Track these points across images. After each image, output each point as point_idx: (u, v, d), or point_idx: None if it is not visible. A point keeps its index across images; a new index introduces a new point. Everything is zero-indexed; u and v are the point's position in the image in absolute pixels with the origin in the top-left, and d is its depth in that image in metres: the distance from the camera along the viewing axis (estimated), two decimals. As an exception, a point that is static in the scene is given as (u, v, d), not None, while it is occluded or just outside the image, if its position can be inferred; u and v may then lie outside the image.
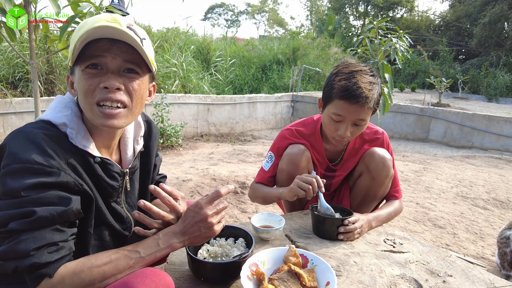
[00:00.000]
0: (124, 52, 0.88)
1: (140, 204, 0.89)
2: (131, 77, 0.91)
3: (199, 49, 10.16)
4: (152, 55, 0.96)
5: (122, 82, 0.89)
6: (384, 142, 1.70)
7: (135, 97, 0.92)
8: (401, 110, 8.52)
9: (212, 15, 42.33)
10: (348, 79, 1.40)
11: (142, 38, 0.90)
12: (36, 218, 0.75)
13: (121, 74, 0.89)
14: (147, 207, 0.89)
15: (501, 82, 15.19)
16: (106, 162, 0.95)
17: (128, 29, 0.87)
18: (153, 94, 1.05)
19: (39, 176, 0.77)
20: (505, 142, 7.32)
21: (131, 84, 0.90)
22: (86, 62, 0.87)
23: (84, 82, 0.87)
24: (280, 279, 0.97)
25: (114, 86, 0.87)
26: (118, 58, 0.87)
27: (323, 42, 14.12)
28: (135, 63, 0.90)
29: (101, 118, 0.88)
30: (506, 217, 3.20)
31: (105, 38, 0.86)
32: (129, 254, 0.84)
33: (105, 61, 0.87)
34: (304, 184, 1.39)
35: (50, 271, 0.75)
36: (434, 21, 27.13)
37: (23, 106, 4.83)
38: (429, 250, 1.33)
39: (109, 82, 0.86)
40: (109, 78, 0.87)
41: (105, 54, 0.87)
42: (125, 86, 0.90)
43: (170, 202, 0.94)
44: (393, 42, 4.13)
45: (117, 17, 0.89)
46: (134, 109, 0.93)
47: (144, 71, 0.94)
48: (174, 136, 5.81)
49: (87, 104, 0.88)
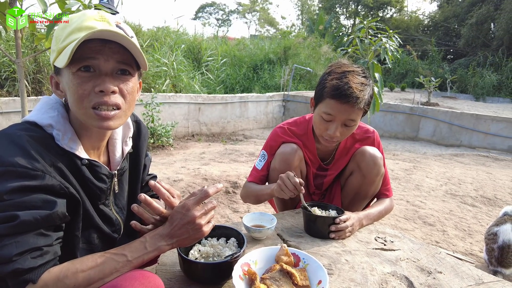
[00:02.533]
0: (116, 53, 0.85)
1: (140, 198, 0.87)
2: (124, 79, 0.89)
3: (190, 49, 10.10)
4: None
5: (116, 84, 0.87)
6: (375, 141, 1.71)
7: (129, 99, 0.91)
8: (391, 109, 8.61)
9: (202, 14, 42.16)
10: (340, 78, 1.41)
11: (131, 36, 0.89)
12: (19, 222, 0.72)
13: (114, 76, 0.87)
14: (147, 201, 0.88)
15: (488, 82, 15.51)
16: (93, 164, 0.93)
17: (118, 28, 0.85)
18: (139, 91, 1.04)
19: (23, 179, 0.75)
20: (492, 141, 7.46)
21: (126, 86, 0.89)
22: (78, 64, 0.83)
23: (78, 87, 0.84)
24: (272, 279, 0.96)
25: (110, 89, 0.85)
26: (111, 60, 0.85)
27: (314, 42, 14.18)
28: (127, 63, 0.88)
29: (97, 120, 0.86)
30: (493, 214, 3.26)
31: (97, 39, 0.83)
32: (116, 258, 0.82)
33: (97, 64, 0.84)
34: (285, 187, 1.39)
35: (34, 277, 0.73)
36: (423, 21, 27.54)
37: (9, 106, 4.73)
38: (419, 248, 1.35)
39: (105, 85, 0.84)
40: (104, 81, 0.84)
41: (97, 56, 0.84)
42: (119, 88, 0.88)
43: (169, 199, 0.93)
44: (383, 41, 4.16)
45: (105, 15, 0.87)
46: (127, 110, 0.92)
47: (135, 70, 0.93)
48: (165, 136, 5.76)
49: (81, 109, 0.85)
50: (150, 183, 0.92)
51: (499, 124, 7.42)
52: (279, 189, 1.41)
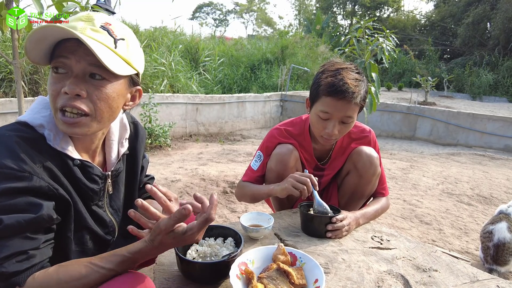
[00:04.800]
0: (89, 55, 0.79)
1: (137, 203, 0.86)
2: (97, 84, 0.83)
3: (187, 49, 10.09)
4: (132, 56, 0.89)
5: (85, 88, 0.82)
6: (371, 141, 1.72)
7: (100, 105, 0.84)
8: (388, 109, 8.64)
9: (200, 14, 42.13)
10: (334, 75, 1.42)
11: (119, 39, 0.85)
12: (2, 226, 0.72)
13: (86, 79, 0.83)
14: (144, 206, 0.86)
15: (485, 81, 15.57)
16: (85, 165, 0.91)
17: (101, 29, 0.82)
18: (137, 99, 0.98)
19: (9, 181, 0.74)
20: (489, 140, 7.51)
21: (95, 92, 0.83)
22: (54, 62, 0.83)
23: (50, 86, 0.83)
24: (269, 278, 0.97)
25: (73, 92, 0.80)
26: (82, 62, 0.80)
27: (311, 42, 14.20)
28: (101, 67, 0.81)
29: (62, 125, 0.84)
30: (489, 213, 3.28)
31: (75, 38, 0.79)
32: (100, 270, 0.79)
33: (70, 64, 0.81)
34: (298, 184, 1.39)
35: (19, 280, 0.73)
36: (420, 21, 27.62)
37: (6, 107, 4.72)
38: (415, 246, 1.36)
39: (69, 87, 0.80)
40: (70, 83, 0.80)
41: (70, 56, 0.81)
42: (88, 93, 0.82)
43: (166, 203, 0.93)
44: (379, 41, 4.18)
45: (93, 15, 0.84)
46: (100, 117, 0.86)
47: (115, 76, 0.85)
48: (163, 136, 5.76)
49: (52, 109, 0.85)
50: (147, 187, 0.90)
51: (496, 123, 7.46)
52: (290, 186, 1.40)
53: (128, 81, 0.92)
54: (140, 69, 0.94)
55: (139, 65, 0.93)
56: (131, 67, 0.89)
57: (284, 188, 1.44)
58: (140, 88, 0.98)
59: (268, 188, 1.58)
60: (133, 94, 0.97)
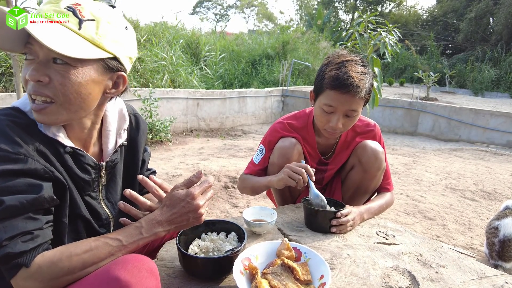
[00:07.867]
0: None
1: (126, 193, 0.86)
2: (58, 69, 0.78)
3: (188, 44, 10.02)
4: (104, 39, 0.81)
5: (48, 74, 0.78)
6: (377, 135, 1.69)
7: (65, 91, 0.79)
8: (390, 104, 8.59)
9: (200, 9, 41.84)
10: (338, 68, 1.38)
11: (87, 19, 0.79)
12: (4, 207, 0.71)
13: (50, 65, 0.79)
14: (133, 196, 0.87)
15: (487, 77, 15.48)
16: (77, 153, 0.89)
17: (66, 9, 0.77)
18: (121, 85, 0.92)
19: (4, 163, 0.73)
20: (491, 135, 7.46)
21: (57, 77, 0.78)
22: (23, 48, 0.80)
23: (22, 73, 0.81)
24: (274, 273, 0.95)
25: (33, 78, 0.78)
26: (44, 47, 0.74)
27: (313, 37, 14.10)
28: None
29: (34, 113, 0.82)
30: (493, 208, 3.26)
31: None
32: (110, 242, 0.81)
33: (35, 50, 0.79)
34: (294, 174, 1.37)
35: (26, 261, 0.72)
36: (422, 16, 27.44)
37: (6, 102, 4.69)
38: (421, 242, 1.34)
39: (30, 74, 0.77)
40: (32, 69, 0.78)
41: (33, 42, 0.77)
42: (51, 79, 0.78)
43: (157, 192, 0.92)
44: (382, 36, 4.13)
45: None
46: (68, 104, 0.81)
47: (80, 60, 0.79)
48: (163, 131, 5.73)
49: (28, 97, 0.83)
50: (138, 177, 0.90)
51: (498, 119, 7.41)
52: (287, 177, 1.38)
53: (102, 66, 0.84)
54: (118, 52, 0.86)
55: (117, 48, 0.85)
56: (103, 50, 0.82)
57: (280, 179, 1.42)
58: (123, 74, 0.90)
59: (266, 179, 1.56)
60: (116, 81, 0.90)
